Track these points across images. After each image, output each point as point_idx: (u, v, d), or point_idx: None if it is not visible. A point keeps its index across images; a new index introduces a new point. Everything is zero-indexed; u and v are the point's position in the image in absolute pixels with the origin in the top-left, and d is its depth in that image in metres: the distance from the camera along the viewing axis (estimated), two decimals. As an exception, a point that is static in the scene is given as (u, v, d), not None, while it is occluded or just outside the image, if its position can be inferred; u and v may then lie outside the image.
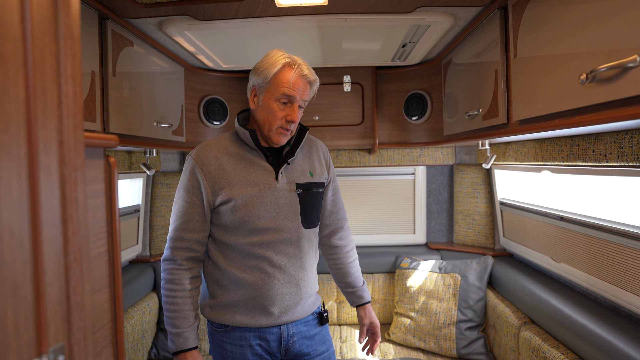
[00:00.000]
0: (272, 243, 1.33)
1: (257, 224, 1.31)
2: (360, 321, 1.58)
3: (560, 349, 1.57)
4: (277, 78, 1.28)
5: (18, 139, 0.43)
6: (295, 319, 1.40)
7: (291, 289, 1.36)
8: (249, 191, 1.31)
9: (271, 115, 1.30)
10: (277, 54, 1.31)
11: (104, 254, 0.68)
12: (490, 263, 2.30)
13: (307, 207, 1.39)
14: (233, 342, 1.36)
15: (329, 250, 1.58)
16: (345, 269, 1.57)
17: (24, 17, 0.44)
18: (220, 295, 1.36)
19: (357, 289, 1.58)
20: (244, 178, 1.32)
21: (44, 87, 0.47)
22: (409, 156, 2.71)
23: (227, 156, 1.35)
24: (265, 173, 1.35)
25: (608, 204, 1.53)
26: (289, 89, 1.28)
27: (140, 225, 2.51)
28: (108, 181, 0.69)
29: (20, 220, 0.43)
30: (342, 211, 1.59)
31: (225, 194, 1.30)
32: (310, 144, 1.50)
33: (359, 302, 1.58)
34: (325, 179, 1.48)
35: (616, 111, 0.89)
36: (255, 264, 1.32)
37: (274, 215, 1.33)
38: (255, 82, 1.33)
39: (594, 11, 0.96)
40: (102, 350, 0.66)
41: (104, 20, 1.50)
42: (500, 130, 1.53)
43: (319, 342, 1.46)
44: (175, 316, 1.32)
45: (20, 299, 0.43)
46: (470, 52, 1.78)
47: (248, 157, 1.36)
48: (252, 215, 1.30)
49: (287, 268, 1.35)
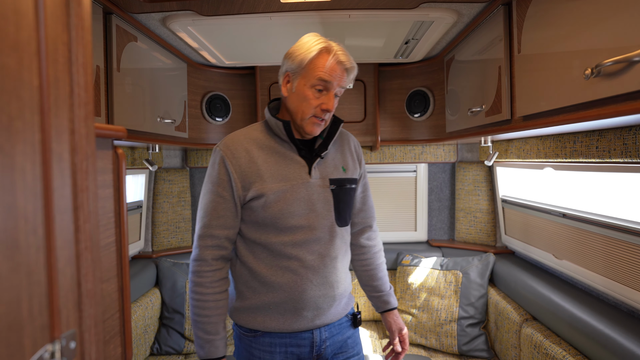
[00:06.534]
0: (305, 242, 1.24)
1: (290, 222, 1.23)
2: (389, 328, 1.49)
3: (561, 345, 1.58)
4: (313, 63, 1.20)
5: (32, 126, 0.43)
6: (329, 322, 1.31)
7: (324, 291, 1.27)
8: (281, 186, 1.23)
9: (305, 102, 1.21)
10: (313, 38, 1.23)
11: (112, 245, 0.69)
12: (492, 260, 2.30)
13: (341, 203, 1.31)
14: (262, 348, 1.28)
15: (356, 250, 1.49)
16: (373, 272, 1.49)
17: (37, 5, 0.45)
18: (249, 297, 1.28)
19: (383, 293, 1.49)
20: (276, 172, 1.24)
21: (56, 75, 0.48)
22: (411, 153, 2.71)
23: (258, 148, 1.26)
24: (298, 167, 1.26)
25: (611, 200, 1.54)
26: (325, 74, 1.19)
27: (143, 222, 2.52)
28: (116, 172, 0.70)
29: (34, 206, 0.43)
30: (372, 209, 1.49)
31: (256, 189, 1.22)
32: (342, 137, 1.41)
33: (385, 307, 1.49)
34: (357, 175, 1.39)
35: (621, 105, 0.90)
36: (287, 265, 1.24)
37: (307, 212, 1.24)
38: (289, 67, 1.24)
39: (599, 7, 0.96)
40: (110, 340, 0.67)
41: (108, 15, 1.51)
42: (503, 127, 1.53)
43: (351, 346, 1.38)
44: (207, 321, 1.24)
45: (34, 284, 0.43)
46: (473, 48, 1.78)
47: (280, 150, 1.27)
48: (285, 212, 1.22)
49: (320, 269, 1.26)
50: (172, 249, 2.65)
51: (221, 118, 2.50)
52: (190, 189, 2.78)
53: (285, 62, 1.26)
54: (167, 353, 2.28)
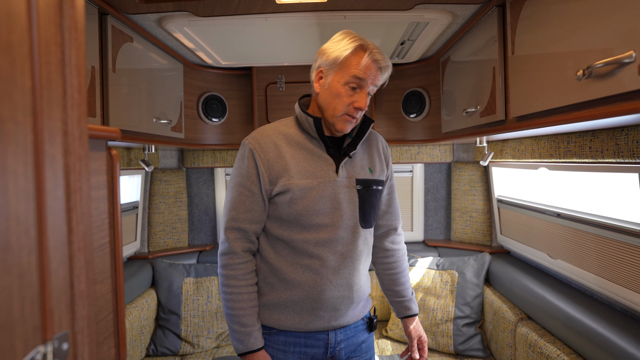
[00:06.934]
0: (327, 242, 1.23)
1: (315, 220, 1.22)
2: (408, 335, 1.46)
3: (556, 344, 1.59)
4: (348, 60, 1.19)
5: (25, 127, 0.43)
6: (345, 324, 1.30)
7: (343, 292, 1.26)
8: (307, 183, 1.22)
9: (338, 99, 1.21)
10: (349, 35, 1.22)
11: (106, 246, 0.69)
12: (488, 260, 2.31)
13: (366, 204, 1.29)
14: (276, 347, 1.28)
15: (380, 254, 1.47)
16: (396, 276, 1.46)
17: (30, 7, 0.45)
18: (267, 293, 1.27)
19: (406, 299, 1.46)
20: (303, 169, 1.23)
21: (49, 77, 0.48)
22: (407, 154, 2.72)
23: (287, 143, 1.25)
24: (325, 165, 1.25)
25: (604, 200, 1.55)
26: (360, 72, 1.18)
27: (139, 222, 2.52)
28: (110, 173, 0.70)
29: (26, 207, 0.43)
30: (397, 212, 1.47)
31: (282, 184, 1.21)
32: (371, 137, 1.39)
33: (406, 313, 1.46)
34: (384, 177, 1.38)
35: (612, 106, 0.90)
36: (308, 264, 1.23)
37: (332, 211, 1.23)
38: (323, 63, 1.23)
39: (591, 9, 0.97)
40: (104, 341, 0.67)
41: (104, 15, 1.51)
42: (498, 127, 1.54)
43: (365, 350, 1.37)
44: (243, 314, 1.22)
45: (26, 285, 0.43)
46: (468, 49, 1.79)
47: (308, 146, 1.26)
48: (310, 209, 1.21)
49: (340, 270, 1.25)
50: (169, 249, 2.65)
51: (217, 118, 2.50)
52: (186, 189, 2.78)
53: (319, 58, 1.25)
54: (163, 354, 2.28)
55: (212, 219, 2.84)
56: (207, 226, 2.85)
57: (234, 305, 1.23)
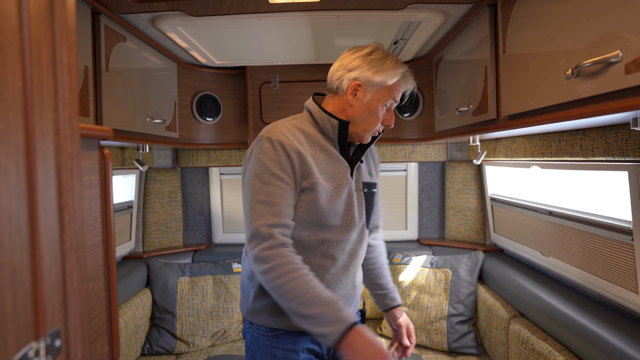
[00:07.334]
0: (340, 242, 1.26)
1: (332, 221, 1.23)
2: (396, 324, 1.49)
3: (548, 340, 1.61)
4: (394, 85, 1.25)
5: (16, 126, 0.44)
6: None
7: (349, 290, 1.31)
8: (329, 185, 1.23)
9: (374, 117, 1.25)
10: (391, 57, 1.25)
11: (99, 244, 0.69)
12: (481, 258, 2.33)
13: (369, 207, 1.34)
14: (285, 347, 1.25)
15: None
16: (379, 270, 1.52)
17: (20, 7, 0.45)
18: None
19: (389, 290, 1.52)
20: (324, 170, 1.23)
21: (40, 77, 0.48)
22: (401, 153, 2.74)
23: (308, 142, 1.24)
24: (342, 168, 1.27)
25: (595, 198, 1.57)
26: (398, 95, 1.27)
27: (133, 222, 2.51)
28: (103, 172, 0.70)
29: (18, 206, 0.44)
30: (381, 211, 1.54)
31: (310, 180, 1.19)
32: None
33: (392, 304, 1.51)
34: (377, 179, 1.44)
35: (600, 105, 0.92)
36: (320, 263, 1.24)
37: (346, 213, 1.26)
38: (364, 79, 1.22)
39: (580, 8, 0.98)
40: (97, 338, 0.67)
41: (96, 15, 1.51)
42: (489, 126, 1.55)
43: None
44: (320, 291, 1.09)
45: (19, 283, 0.44)
46: (461, 49, 1.80)
47: (327, 147, 1.26)
48: (331, 210, 1.22)
49: (349, 269, 1.29)
50: (163, 249, 2.65)
51: (212, 118, 2.50)
52: (181, 189, 2.78)
53: (355, 70, 1.23)
54: (158, 353, 2.28)
55: (206, 219, 2.85)
56: (201, 226, 2.85)
57: (306, 287, 1.09)
